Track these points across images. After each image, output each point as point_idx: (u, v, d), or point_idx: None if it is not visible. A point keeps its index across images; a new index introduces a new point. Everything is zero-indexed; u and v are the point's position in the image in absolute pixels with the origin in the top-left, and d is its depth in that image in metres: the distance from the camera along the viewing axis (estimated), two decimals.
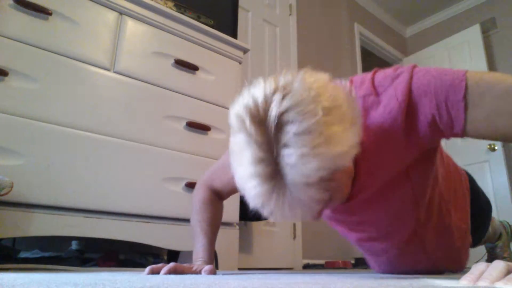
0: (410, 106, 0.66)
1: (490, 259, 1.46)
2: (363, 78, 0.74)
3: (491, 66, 3.30)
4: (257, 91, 0.53)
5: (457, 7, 3.72)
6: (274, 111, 0.51)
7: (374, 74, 0.73)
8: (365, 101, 0.70)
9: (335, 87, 0.57)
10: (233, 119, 0.54)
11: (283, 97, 0.51)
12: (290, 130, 0.50)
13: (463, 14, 3.69)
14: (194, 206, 0.96)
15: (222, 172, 0.95)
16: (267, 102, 0.52)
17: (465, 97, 0.63)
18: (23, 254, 1.30)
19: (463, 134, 0.66)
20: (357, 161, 0.70)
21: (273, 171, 0.51)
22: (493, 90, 0.62)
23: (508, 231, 1.48)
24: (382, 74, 0.72)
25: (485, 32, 3.39)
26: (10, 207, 0.97)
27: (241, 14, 2.01)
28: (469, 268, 0.48)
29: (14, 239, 1.33)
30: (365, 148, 0.69)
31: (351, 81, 0.75)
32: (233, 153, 0.56)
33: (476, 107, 0.63)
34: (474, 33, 3.35)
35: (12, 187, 0.91)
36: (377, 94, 0.70)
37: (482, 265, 0.46)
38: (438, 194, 0.87)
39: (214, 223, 0.94)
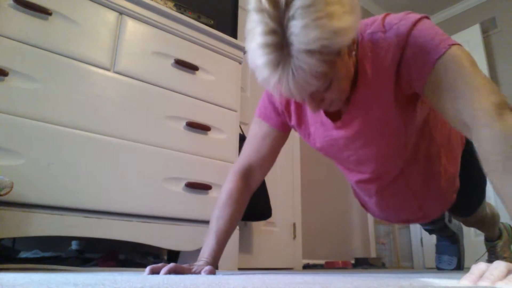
0: (404, 48, 0.74)
1: (490, 259, 1.47)
2: (374, 18, 0.81)
3: (491, 66, 3.29)
4: None
5: (457, 7, 3.72)
6: None
7: (386, 15, 0.80)
8: (373, 37, 0.77)
9: None
10: (251, 3, 0.62)
11: None
12: (297, 4, 0.58)
13: (463, 14, 3.69)
14: (219, 197, 0.96)
15: (252, 140, 0.99)
16: None
17: (436, 61, 0.70)
18: (23, 254, 1.30)
19: (421, 91, 0.74)
20: (358, 79, 0.78)
21: (280, 41, 0.60)
22: (458, 70, 0.68)
23: (509, 231, 1.48)
24: (393, 15, 0.79)
25: (485, 32, 3.39)
26: (10, 207, 0.97)
27: (241, 14, 2.01)
28: (469, 268, 0.48)
29: (14, 239, 1.33)
30: (366, 74, 0.78)
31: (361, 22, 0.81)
32: (247, 33, 0.64)
33: (438, 74, 0.70)
34: (474, 33, 3.35)
35: (12, 187, 0.91)
36: (385, 31, 0.76)
37: (482, 265, 0.46)
38: (428, 134, 0.93)
39: (231, 221, 0.93)
